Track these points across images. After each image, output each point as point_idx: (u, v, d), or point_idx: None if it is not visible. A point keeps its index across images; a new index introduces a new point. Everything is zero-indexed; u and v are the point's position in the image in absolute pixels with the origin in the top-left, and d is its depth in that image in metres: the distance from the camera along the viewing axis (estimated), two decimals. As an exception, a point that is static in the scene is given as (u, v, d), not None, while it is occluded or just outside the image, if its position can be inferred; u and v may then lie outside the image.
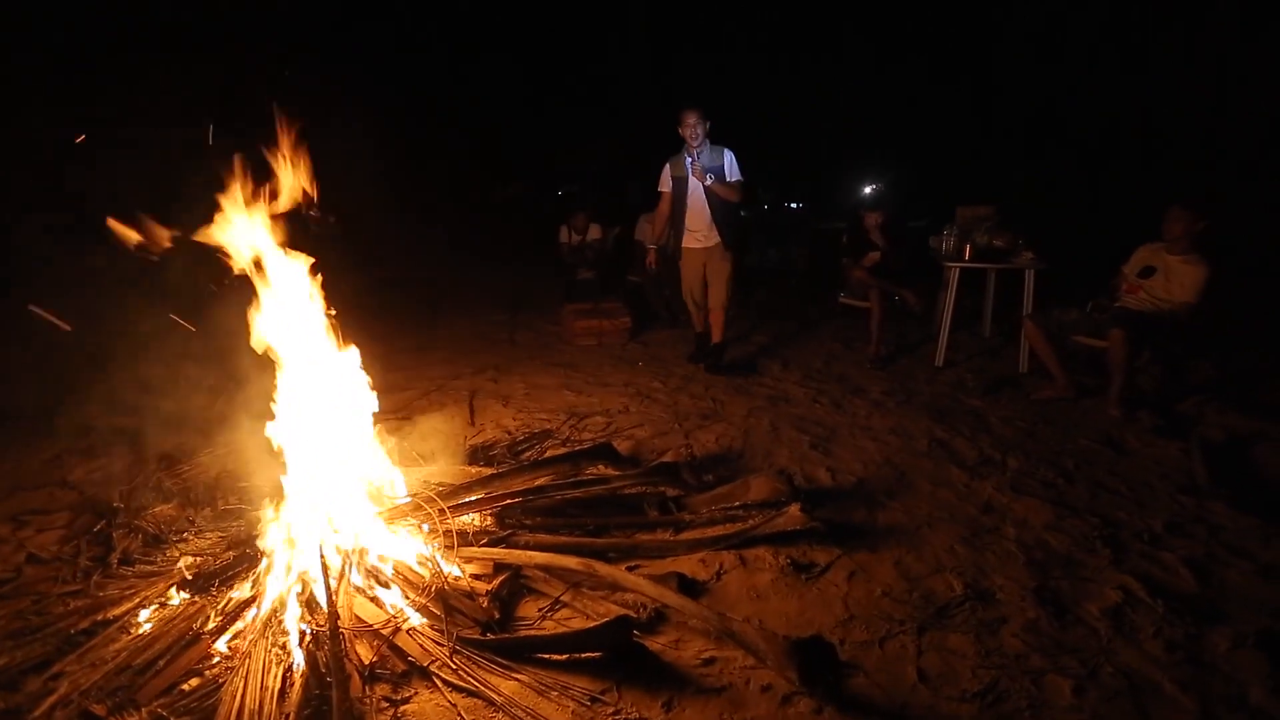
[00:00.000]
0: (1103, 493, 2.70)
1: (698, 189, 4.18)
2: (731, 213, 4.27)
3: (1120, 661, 1.74)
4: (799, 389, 4.11)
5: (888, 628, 1.88)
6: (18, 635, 1.84)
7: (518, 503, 2.42)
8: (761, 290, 7.47)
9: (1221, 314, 3.93)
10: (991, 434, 3.33)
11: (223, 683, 1.64)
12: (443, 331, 5.98)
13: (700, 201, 4.21)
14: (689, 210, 4.27)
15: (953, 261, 4.50)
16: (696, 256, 4.38)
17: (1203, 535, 2.35)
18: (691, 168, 4.07)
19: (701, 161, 4.04)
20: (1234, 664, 1.73)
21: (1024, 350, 4.32)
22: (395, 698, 1.64)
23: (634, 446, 3.21)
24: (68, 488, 2.85)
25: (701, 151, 4.06)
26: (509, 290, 7.46)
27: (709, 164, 4.07)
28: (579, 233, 6.48)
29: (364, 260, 8.24)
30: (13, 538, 2.43)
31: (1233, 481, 2.69)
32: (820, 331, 5.63)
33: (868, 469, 2.95)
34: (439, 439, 3.24)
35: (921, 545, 2.31)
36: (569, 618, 1.94)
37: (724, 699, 1.63)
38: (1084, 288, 4.06)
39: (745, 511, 2.45)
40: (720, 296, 4.37)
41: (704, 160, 4.06)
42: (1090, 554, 2.24)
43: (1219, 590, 2.05)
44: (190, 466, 2.94)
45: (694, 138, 4.03)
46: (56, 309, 3.37)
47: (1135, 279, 3.72)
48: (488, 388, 4.26)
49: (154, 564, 2.20)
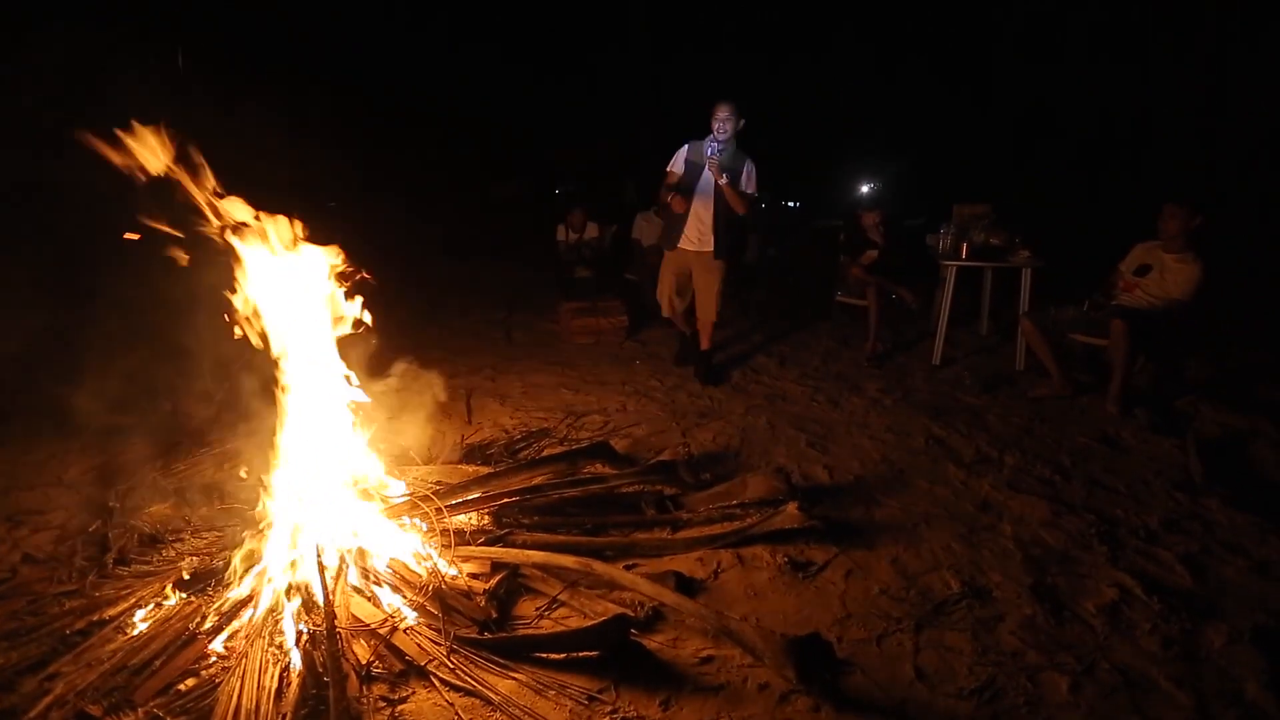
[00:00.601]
0: (1099, 490, 2.71)
1: (709, 185, 3.90)
2: (734, 222, 4.00)
3: (1116, 658, 1.75)
4: (796, 387, 4.11)
5: (885, 625, 1.89)
6: (13, 636, 1.83)
7: (515, 501, 2.42)
8: (760, 289, 7.46)
9: (1216, 312, 3.95)
10: (988, 431, 3.34)
11: (219, 683, 1.63)
12: (439, 329, 5.96)
13: (708, 199, 3.94)
14: (694, 205, 3.97)
15: (950, 260, 4.50)
16: (684, 258, 4.09)
17: (1199, 532, 2.36)
18: (710, 161, 3.75)
19: (722, 159, 3.77)
20: (1230, 660, 1.73)
21: (1021, 348, 4.32)
22: (393, 697, 1.64)
23: (631, 445, 3.21)
24: (63, 487, 2.84)
25: (726, 148, 3.79)
26: (506, 288, 7.44)
27: (729, 164, 3.82)
28: (576, 230, 6.46)
29: (358, 257, 8.24)
30: (8, 537, 2.42)
31: (1229, 478, 2.71)
32: (817, 330, 5.62)
33: (865, 467, 2.95)
34: (436, 437, 3.24)
35: (919, 543, 2.32)
36: (566, 616, 1.94)
37: (722, 697, 1.63)
38: (1081, 286, 4.07)
39: (743, 510, 2.45)
40: (710, 311, 4.12)
41: (725, 158, 3.79)
42: (1087, 551, 2.25)
43: (1215, 587, 2.06)
44: (186, 466, 2.94)
45: (721, 132, 3.76)
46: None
47: (1131, 277, 3.73)
48: (485, 386, 4.26)
49: (150, 564, 2.19)
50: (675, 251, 4.11)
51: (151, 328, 3.05)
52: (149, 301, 2.99)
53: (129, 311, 3.81)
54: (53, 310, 4.25)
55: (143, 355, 3.25)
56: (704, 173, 3.88)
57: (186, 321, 2.48)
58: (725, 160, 3.79)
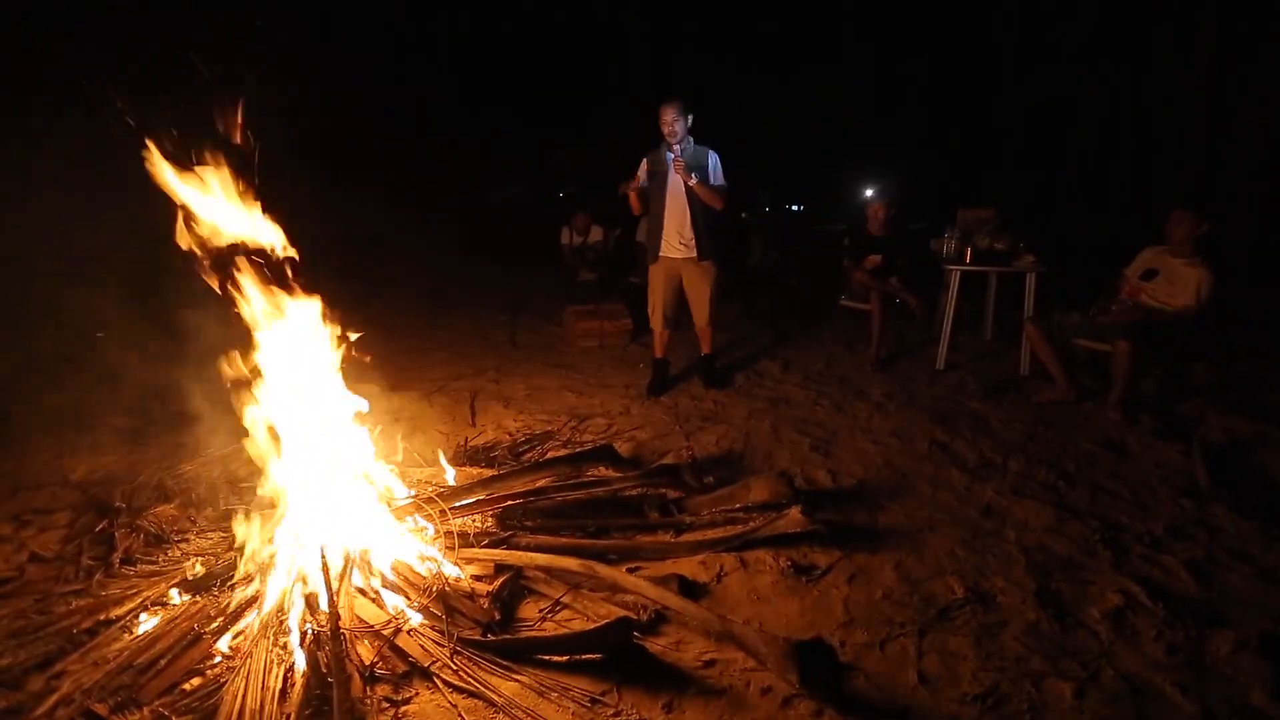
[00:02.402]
0: (1103, 495, 2.70)
1: (678, 189, 3.82)
2: (714, 220, 3.92)
3: (1121, 665, 1.74)
4: (800, 391, 4.11)
5: (888, 630, 1.88)
6: (20, 634, 1.84)
7: (519, 504, 2.43)
8: (763, 292, 7.47)
9: (1222, 317, 3.93)
10: (992, 437, 3.33)
11: (224, 682, 1.64)
12: (443, 333, 5.98)
13: (681, 204, 3.84)
14: (667, 213, 3.88)
15: (954, 264, 4.50)
16: (671, 267, 4.00)
17: (1204, 538, 2.35)
18: (674, 163, 3.69)
19: (686, 159, 3.69)
20: (1235, 667, 1.72)
21: (1025, 353, 4.31)
22: (396, 698, 1.64)
23: (635, 448, 3.22)
24: (70, 487, 2.86)
25: (685, 148, 3.71)
26: (510, 291, 7.46)
27: (692, 162, 3.72)
28: (580, 233, 6.48)
29: (362, 261, 8.28)
30: (15, 537, 2.44)
31: (1234, 485, 2.69)
32: (821, 334, 5.62)
33: (868, 471, 2.95)
34: (440, 440, 3.25)
35: (922, 548, 2.31)
36: (570, 619, 1.95)
37: (724, 701, 1.63)
38: (1085, 290, 4.06)
39: (746, 514, 2.45)
40: (705, 315, 4.05)
41: (688, 157, 3.71)
42: (1091, 557, 2.24)
43: (1220, 594, 2.05)
44: (192, 466, 2.95)
45: (672, 135, 3.66)
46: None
47: (1137, 281, 3.72)
48: (489, 389, 4.27)
49: (156, 564, 2.20)
50: (660, 262, 4.02)
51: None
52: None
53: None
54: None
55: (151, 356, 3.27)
56: (670, 178, 3.81)
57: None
58: (688, 159, 3.71)
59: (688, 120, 3.69)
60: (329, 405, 2.21)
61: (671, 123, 3.65)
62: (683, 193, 3.83)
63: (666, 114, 3.66)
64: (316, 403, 2.17)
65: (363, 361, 2.28)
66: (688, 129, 3.72)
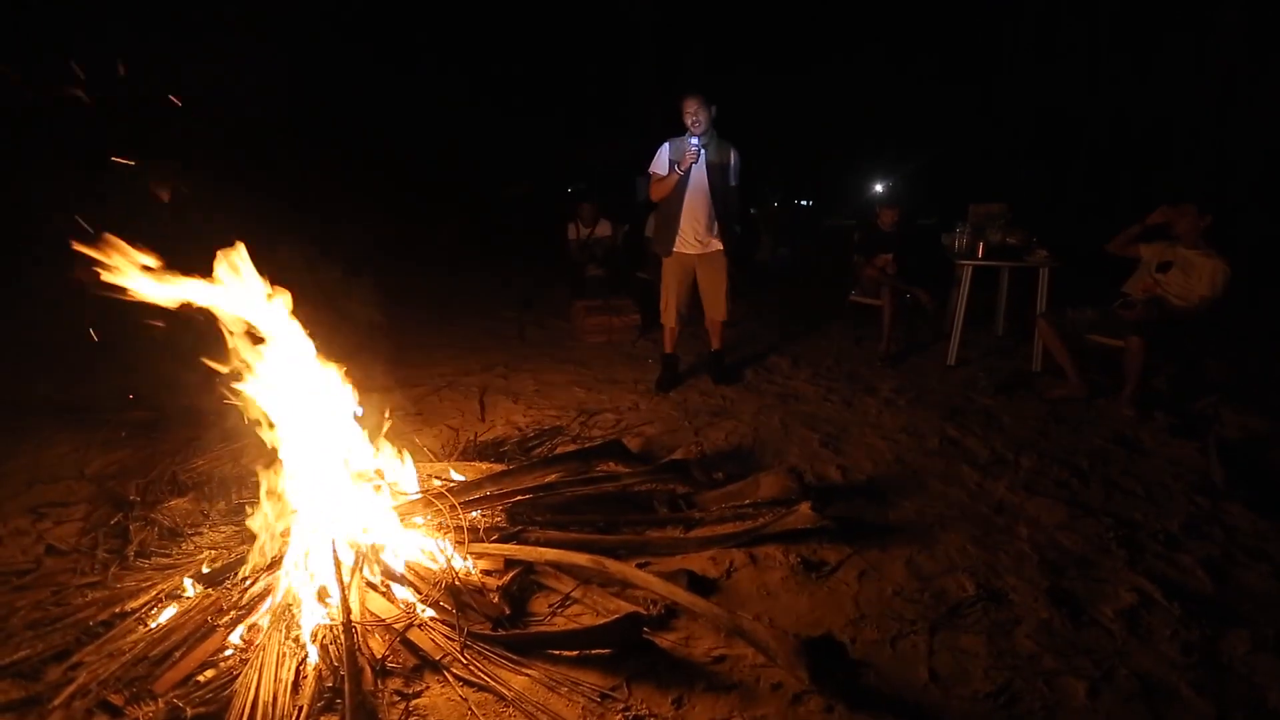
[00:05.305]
0: (1117, 493, 2.67)
1: (700, 184, 3.78)
2: (735, 212, 3.91)
3: (1135, 664, 1.73)
4: (809, 386, 4.09)
5: (899, 627, 1.87)
6: (38, 625, 1.87)
7: (529, 499, 2.43)
8: (773, 287, 7.44)
9: (1237, 313, 3.89)
10: (1004, 433, 3.30)
11: (238, 675, 1.65)
12: (452, 328, 6.00)
13: (702, 194, 3.79)
14: (686, 204, 3.80)
15: (966, 259, 4.46)
16: (685, 263, 3.94)
17: (1220, 536, 2.33)
18: (689, 153, 3.64)
19: (707, 153, 3.68)
20: (1252, 667, 1.70)
21: (1037, 349, 4.28)
22: (407, 692, 1.65)
23: (644, 444, 3.22)
24: (85, 480, 2.89)
25: (707, 140, 3.69)
26: (518, 287, 7.47)
27: (715, 157, 3.73)
28: (587, 224, 6.44)
29: (372, 257, 8.30)
30: (32, 529, 2.47)
31: (1250, 482, 2.66)
32: (830, 329, 5.60)
33: (879, 467, 2.93)
34: (449, 435, 3.26)
35: (933, 544, 2.30)
36: (579, 614, 1.95)
37: (734, 696, 1.63)
38: (1099, 286, 4.02)
39: (755, 509, 2.45)
40: (722, 310, 4.01)
41: (710, 151, 3.71)
42: (1105, 555, 2.22)
43: (1236, 592, 2.02)
44: (206, 461, 2.98)
45: (696, 125, 3.65)
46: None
47: (1154, 274, 3.69)
48: (498, 384, 4.28)
49: (170, 557, 2.22)
50: (674, 257, 3.96)
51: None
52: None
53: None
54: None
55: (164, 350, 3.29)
56: (691, 171, 3.76)
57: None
58: (710, 153, 3.72)
59: (711, 111, 3.69)
60: (339, 401, 2.22)
61: (695, 112, 3.65)
62: (704, 188, 3.81)
63: (690, 105, 3.66)
64: (326, 399, 2.18)
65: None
66: (711, 120, 3.72)
